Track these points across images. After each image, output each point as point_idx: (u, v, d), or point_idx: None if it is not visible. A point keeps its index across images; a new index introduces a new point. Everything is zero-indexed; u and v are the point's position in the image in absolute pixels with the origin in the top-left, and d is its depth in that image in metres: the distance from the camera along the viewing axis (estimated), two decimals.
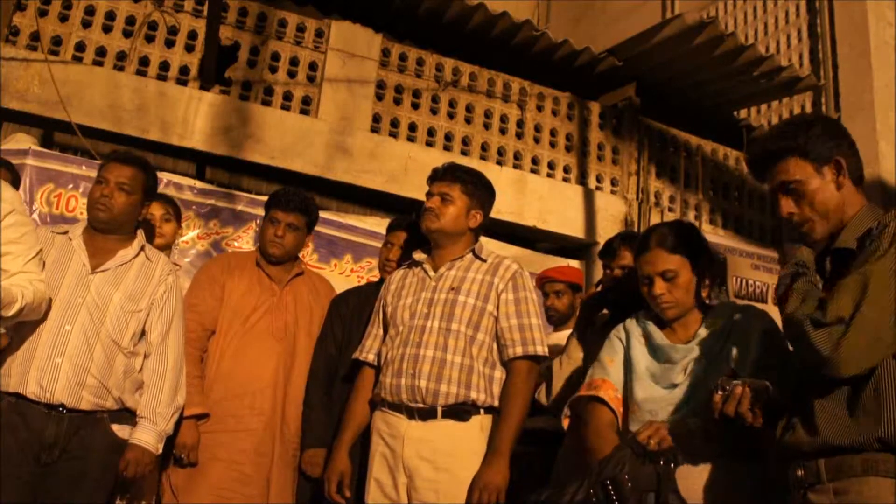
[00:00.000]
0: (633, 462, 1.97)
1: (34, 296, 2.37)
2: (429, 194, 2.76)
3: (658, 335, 2.30)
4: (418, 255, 2.83)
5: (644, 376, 2.27)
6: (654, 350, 2.31)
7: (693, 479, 2.05)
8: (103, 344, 2.58)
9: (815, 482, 1.71)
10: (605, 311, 2.92)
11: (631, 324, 2.40)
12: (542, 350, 2.62)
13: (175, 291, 2.82)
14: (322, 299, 3.25)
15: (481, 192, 2.80)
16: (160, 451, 2.70)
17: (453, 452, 2.50)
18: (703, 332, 2.24)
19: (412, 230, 3.19)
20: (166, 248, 3.37)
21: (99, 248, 2.70)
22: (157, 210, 3.38)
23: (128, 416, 2.65)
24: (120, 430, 2.62)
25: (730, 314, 2.26)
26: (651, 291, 2.28)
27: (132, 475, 2.60)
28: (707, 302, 2.38)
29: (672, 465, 1.97)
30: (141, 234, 2.83)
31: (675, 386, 2.21)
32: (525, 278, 2.71)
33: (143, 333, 2.73)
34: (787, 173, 1.85)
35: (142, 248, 2.78)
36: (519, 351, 2.60)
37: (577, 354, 2.82)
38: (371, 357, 2.79)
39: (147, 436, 2.64)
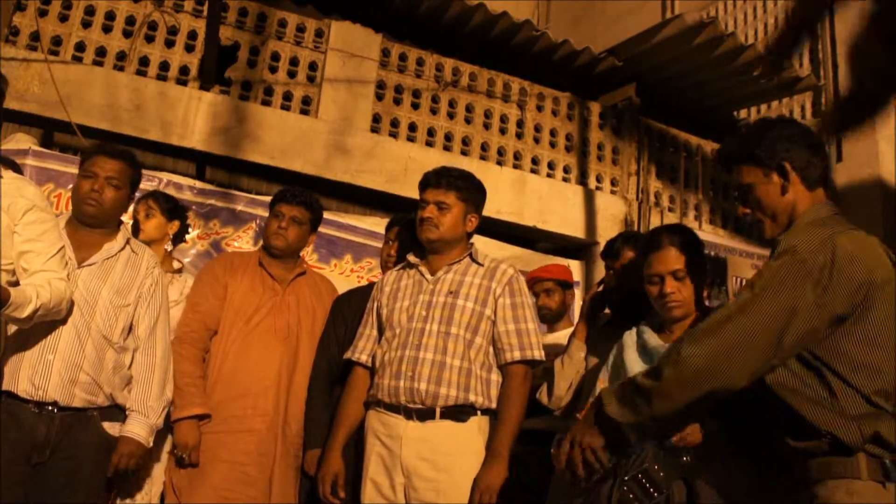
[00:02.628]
0: (658, 455, 2.00)
1: (51, 295, 2.33)
2: (423, 202, 2.74)
3: (653, 339, 2.30)
4: (413, 258, 2.82)
5: None
6: (646, 354, 2.31)
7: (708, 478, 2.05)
8: (94, 340, 2.57)
9: (813, 480, 1.73)
10: (606, 310, 2.92)
11: (628, 335, 2.41)
12: (538, 355, 2.64)
13: (161, 284, 2.81)
14: (325, 299, 3.25)
15: (475, 195, 2.80)
16: (151, 444, 2.70)
17: (453, 452, 2.51)
18: None
19: (410, 227, 3.20)
20: (154, 243, 3.35)
21: (83, 241, 2.67)
22: (140, 207, 3.39)
23: (117, 412, 2.64)
24: (110, 427, 2.62)
25: None
26: (661, 290, 2.27)
27: (126, 468, 2.61)
28: (707, 304, 2.38)
29: (692, 459, 1.99)
30: (125, 228, 2.82)
31: None
32: (521, 283, 2.73)
33: (130, 328, 2.72)
34: (741, 177, 1.98)
35: (127, 241, 2.76)
36: (517, 355, 2.61)
37: (578, 354, 2.82)
38: (364, 358, 2.79)
39: (139, 429, 2.64)
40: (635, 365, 2.31)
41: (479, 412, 2.57)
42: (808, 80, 6.33)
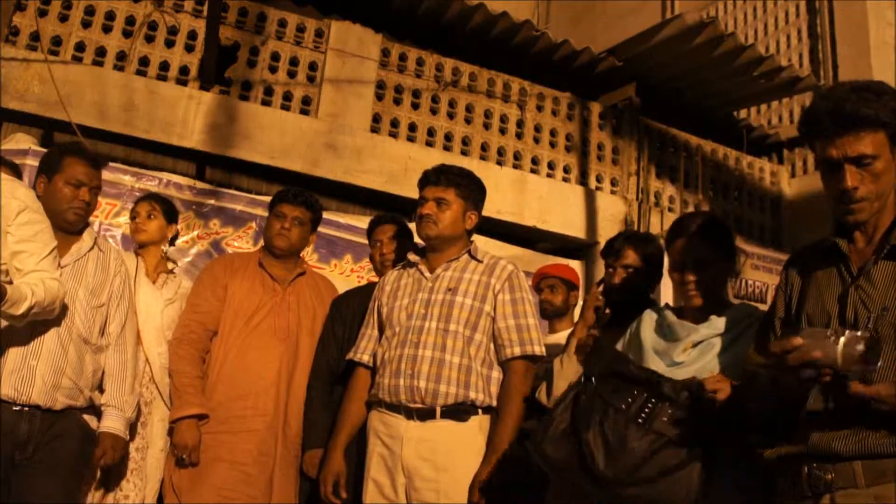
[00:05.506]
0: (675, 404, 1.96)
1: (46, 294, 2.35)
2: (423, 199, 2.74)
3: (672, 316, 2.29)
4: (413, 257, 2.82)
5: (650, 354, 2.27)
6: (662, 329, 2.30)
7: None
8: (75, 343, 2.58)
9: (850, 486, 1.64)
10: (607, 310, 2.91)
11: (647, 313, 2.40)
12: (539, 350, 2.63)
13: (128, 283, 2.84)
14: (325, 299, 3.25)
15: (475, 193, 2.79)
16: (128, 437, 2.76)
17: (453, 452, 2.50)
18: (718, 321, 2.22)
19: (397, 223, 3.28)
20: (152, 245, 3.36)
21: None
22: (141, 208, 3.38)
23: (94, 410, 2.68)
24: (89, 419, 2.65)
25: (747, 315, 2.23)
26: (683, 278, 2.25)
27: (110, 462, 2.67)
28: (731, 301, 2.36)
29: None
30: (91, 227, 2.82)
31: (677, 364, 2.19)
32: (521, 279, 2.72)
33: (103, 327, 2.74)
34: (868, 146, 1.69)
35: (94, 241, 2.77)
36: (517, 351, 2.61)
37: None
38: (366, 358, 2.78)
39: (117, 423, 2.69)
40: (650, 339, 2.30)
41: (479, 410, 2.57)
42: (808, 80, 6.33)
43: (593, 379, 2.07)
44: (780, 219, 6.89)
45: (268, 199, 3.50)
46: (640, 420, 1.94)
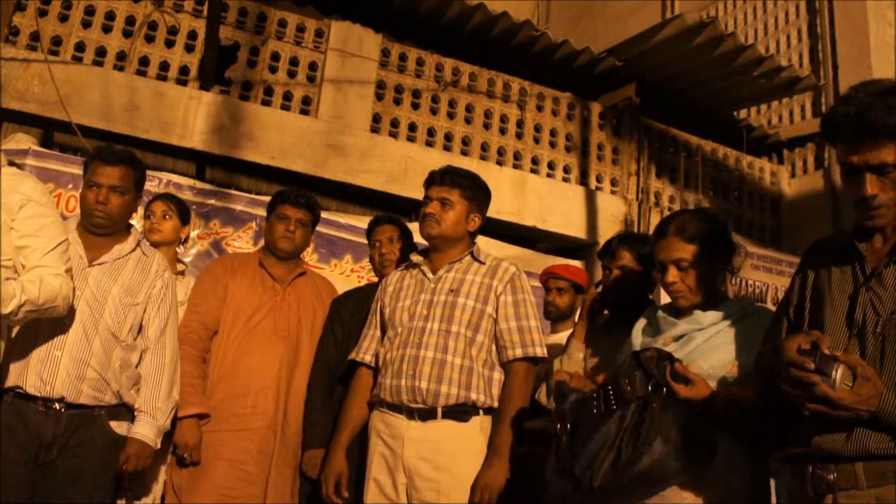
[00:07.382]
0: (633, 370, 1.97)
1: (41, 292, 2.28)
2: (427, 199, 2.75)
3: (660, 312, 2.29)
4: (416, 258, 2.83)
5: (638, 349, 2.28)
6: (651, 327, 2.31)
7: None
8: (101, 337, 2.58)
9: (852, 486, 1.66)
10: (605, 311, 2.92)
11: (644, 314, 2.40)
12: (540, 352, 2.63)
13: (171, 287, 2.83)
14: (325, 300, 3.26)
15: (479, 195, 2.80)
16: (159, 445, 2.71)
17: (454, 452, 2.51)
18: (701, 316, 2.21)
19: (396, 224, 3.28)
20: (165, 245, 3.37)
21: (94, 243, 2.69)
22: (157, 208, 3.40)
23: (125, 412, 2.65)
24: (118, 426, 2.62)
25: (741, 310, 2.22)
26: (664, 279, 2.25)
27: (133, 469, 2.62)
28: (729, 295, 2.35)
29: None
30: (136, 230, 2.84)
31: None
32: (523, 280, 2.72)
33: (139, 328, 2.73)
34: (889, 155, 1.68)
35: (138, 244, 2.78)
36: (518, 353, 2.61)
37: (577, 355, 2.82)
38: (368, 358, 2.79)
39: (146, 430, 2.65)
40: (639, 337, 2.31)
41: (480, 411, 2.58)
42: (808, 80, 6.34)
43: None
44: (779, 219, 6.89)
45: (268, 199, 3.51)
46: (609, 408, 1.97)
